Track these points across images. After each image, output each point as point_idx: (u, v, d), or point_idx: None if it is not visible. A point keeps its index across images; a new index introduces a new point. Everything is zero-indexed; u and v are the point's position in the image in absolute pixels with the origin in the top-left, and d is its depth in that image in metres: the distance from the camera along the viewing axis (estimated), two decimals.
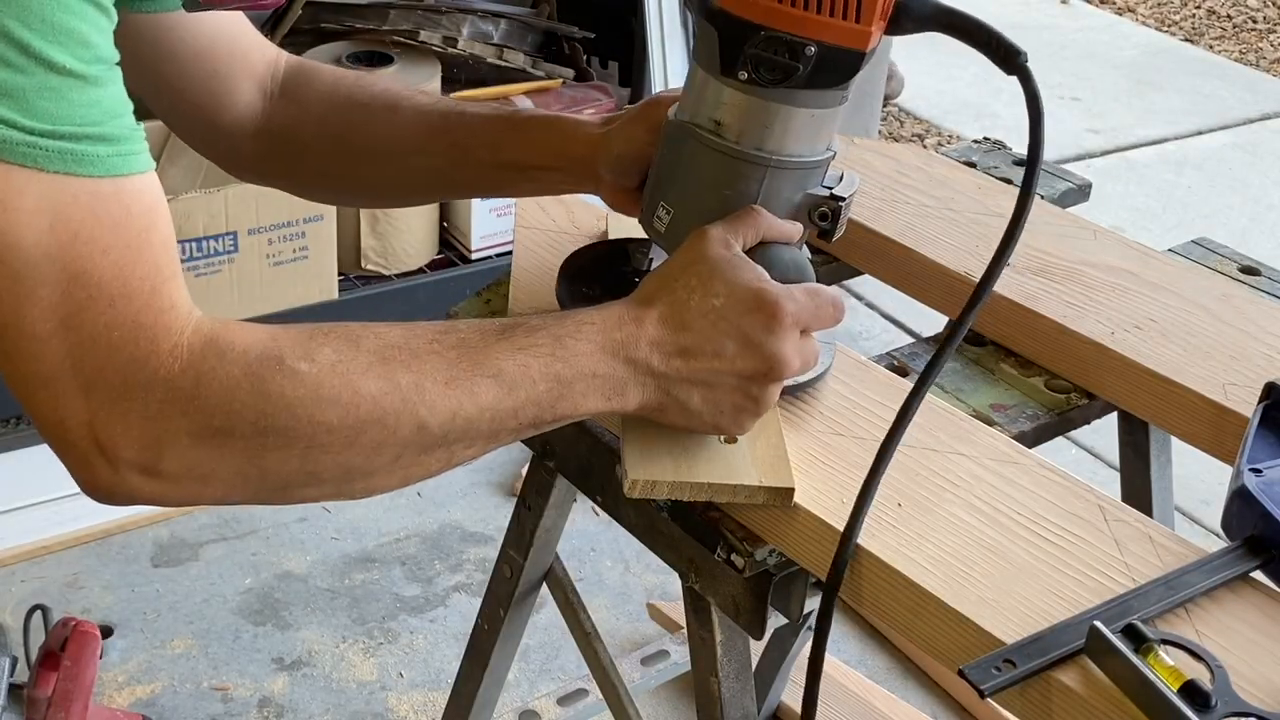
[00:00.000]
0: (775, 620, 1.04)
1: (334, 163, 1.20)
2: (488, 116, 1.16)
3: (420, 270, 2.77)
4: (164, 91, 1.16)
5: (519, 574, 1.38)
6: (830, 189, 1.03)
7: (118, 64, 0.79)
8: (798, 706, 2.00)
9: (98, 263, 0.76)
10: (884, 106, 3.92)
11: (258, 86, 1.17)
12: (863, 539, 0.93)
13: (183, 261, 2.41)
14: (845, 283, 1.46)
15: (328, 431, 0.82)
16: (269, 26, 2.62)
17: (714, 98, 1.00)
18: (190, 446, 0.80)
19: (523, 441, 1.23)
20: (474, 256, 2.80)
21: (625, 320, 0.93)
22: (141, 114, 0.85)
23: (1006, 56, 0.93)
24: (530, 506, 1.34)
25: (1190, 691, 0.78)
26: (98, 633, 1.89)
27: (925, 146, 4.04)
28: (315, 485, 0.85)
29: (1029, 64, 0.92)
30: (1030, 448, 1.07)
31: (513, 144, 1.14)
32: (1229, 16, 5.51)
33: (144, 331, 0.78)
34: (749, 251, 0.99)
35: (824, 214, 1.03)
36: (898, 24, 0.97)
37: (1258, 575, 0.91)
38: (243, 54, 1.16)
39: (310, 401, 0.81)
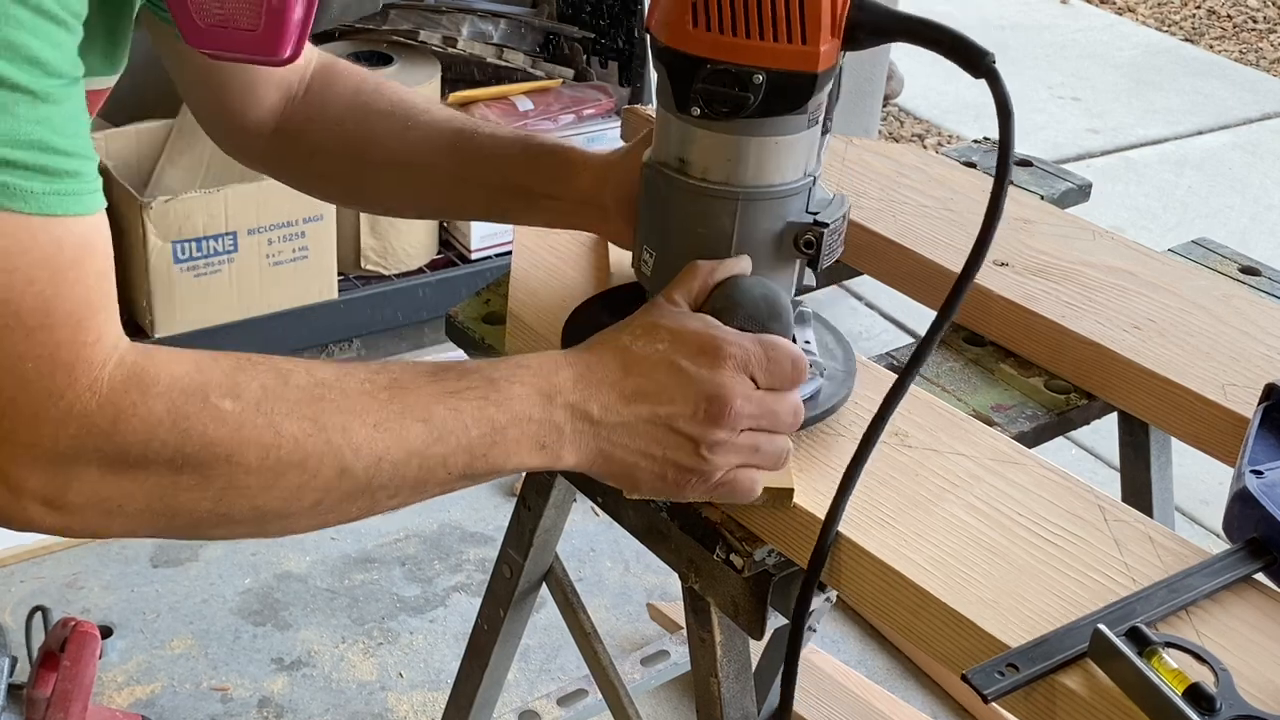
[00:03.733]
0: (775, 620, 1.03)
1: (343, 168, 1.19)
2: (499, 139, 1.15)
3: (420, 270, 2.77)
4: (199, 90, 1.16)
5: (519, 574, 1.38)
6: (815, 214, 1.00)
7: (80, 78, 0.76)
8: (798, 707, 2.00)
9: (20, 291, 0.73)
10: (884, 106, 3.92)
11: (284, 91, 1.17)
12: (862, 538, 0.93)
13: (183, 261, 2.42)
14: (845, 283, 1.46)
15: (246, 473, 0.80)
16: None
17: (676, 136, 0.98)
18: (99, 480, 0.77)
19: None
20: (474, 256, 2.80)
21: (563, 365, 0.90)
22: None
23: (973, 59, 0.89)
24: (530, 506, 1.34)
25: (1195, 695, 0.78)
26: (97, 633, 1.89)
27: (925, 146, 4.04)
28: (227, 526, 0.83)
29: (996, 65, 0.88)
30: (1030, 448, 1.07)
31: (520, 169, 1.13)
32: (1229, 16, 5.51)
33: (62, 365, 0.75)
34: (716, 287, 0.96)
35: (808, 241, 0.99)
36: (854, 39, 0.94)
37: (1260, 577, 0.91)
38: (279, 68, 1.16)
39: (231, 443, 0.79)
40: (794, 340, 0.98)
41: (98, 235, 0.78)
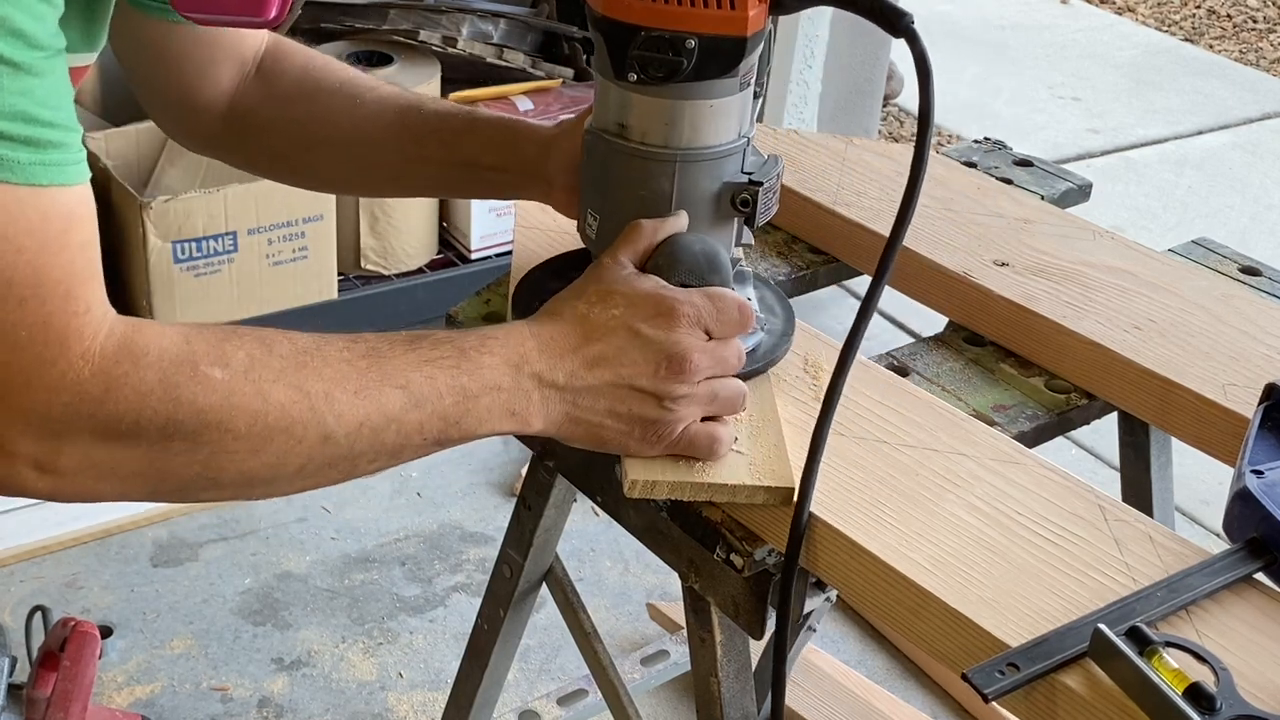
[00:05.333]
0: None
1: (292, 145, 1.20)
2: (445, 113, 1.17)
3: (420, 270, 2.77)
4: (153, 71, 1.16)
5: (519, 574, 1.38)
6: (750, 174, 1.04)
7: (63, 50, 0.77)
8: (798, 707, 2.00)
9: (10, 260, 0.75)
10: (884, 106, 3.92)
11: (239, 69, 1.18)
12: (863, 538, 0.93)
13: (183, 261, 2.42)
14: (845, 283, 1.46)
15: (235, 439, 0.82)
16: None
17: (614, 102, 1.02)
18: (91, 446, 0.79)
19: (523, 441, 1.24)
20: (474, 256, 2.80)
21: (528, 336, 0.94)
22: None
23: (892, 20, 0.93)
24: (530, 506, 1.34)
25: (1195, 694, 0.78)
26: (97, 633, 1.89)
27: None
28: (214, 489, 0.85)
29: (915, 25, 0.92)
30: (1030, 448, 1.07)
31: (466, 142, 1.15)
32: (1229, 16, 5.51)
33: (54, 333, 0.77)
34: (659, 247, 1.01)
35: (744, 200, 1.04)
36: (780, 4, 0.98)
37: (1260, 577, 0.91)
38: (239, 42, 1.16)
39: (221, 409, 0.81)
40: None
41: (82, 206, 0.79)
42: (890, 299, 0.99)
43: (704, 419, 0.98)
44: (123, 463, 0.80)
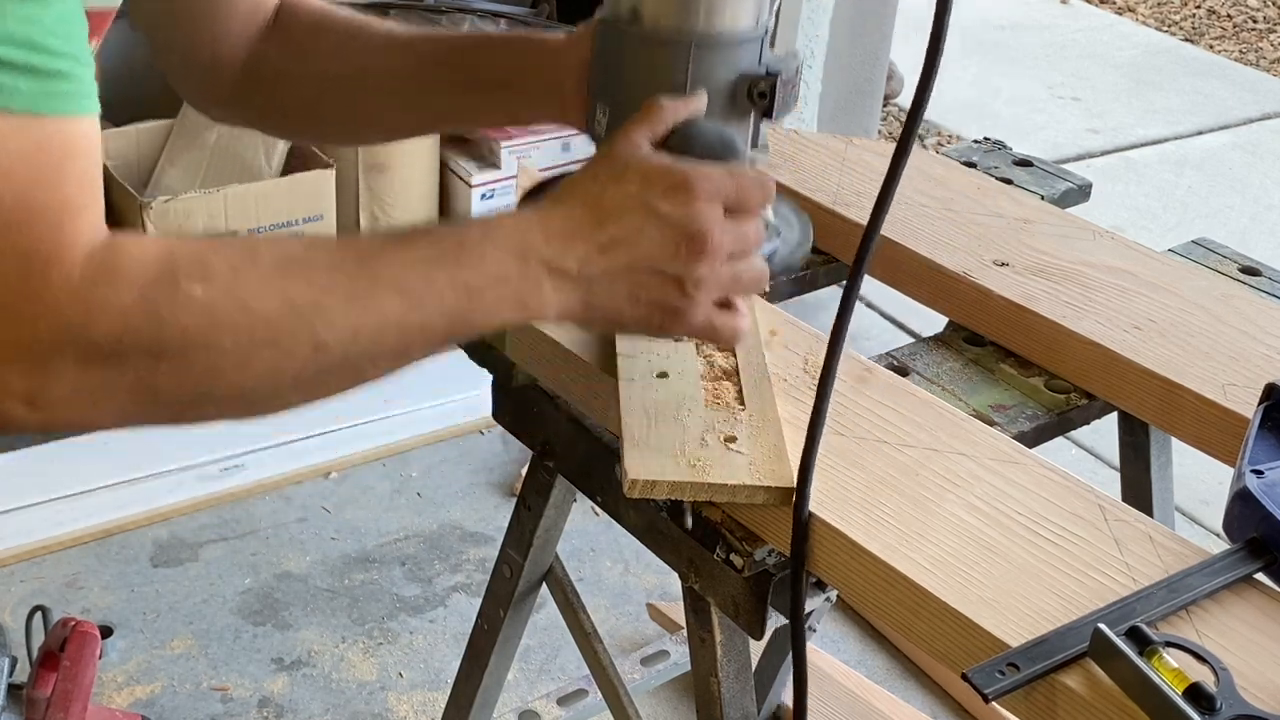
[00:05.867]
0: (775, 620, 1.03)
1: (304, 93, 1.18)
2: (454, 35, 1.15)
3: None
4: (173, 28, 1.15)
5: (519, 574, 1.38)
6: (768, 66, 1.01)
7: None
8: None
9: None
10: (884, 106, 3.92)
11: (256, 21, 1.17)
12: (863, 538, 0.93)
13: None
14: (845, 283, 1.46)
15: (221, 355, 0.79)
16: None
17: None
18: (78, 373, 0.77)
19: (522, 441, 1.24)
20: None
21: (534, 223, 0.89)
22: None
23: None
24: (530, 507, 1.34)
25: (1195, 694, 0.78)
26: (97, 633, 1.89)
27: (925, 146, 4.04)
28: (213, 405, 0.83)
29: None
30: (1030, 448, 1.07)
31: (475, 61, 1.12)
32: (1229, 16, 5.51)
33: (36, 262, 0.75)
34: (673, 131, 0.96)
35: (762, 92, 0.99)
36: None
37: (1260, 577, 0.91)
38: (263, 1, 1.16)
39: (205, 327, 0.79)
40: None
41: (86, 138, 0.77)
42: (890, 299, 0.99)
43: (726, 305, 0.94)
44: (112, 386, 0.78)
